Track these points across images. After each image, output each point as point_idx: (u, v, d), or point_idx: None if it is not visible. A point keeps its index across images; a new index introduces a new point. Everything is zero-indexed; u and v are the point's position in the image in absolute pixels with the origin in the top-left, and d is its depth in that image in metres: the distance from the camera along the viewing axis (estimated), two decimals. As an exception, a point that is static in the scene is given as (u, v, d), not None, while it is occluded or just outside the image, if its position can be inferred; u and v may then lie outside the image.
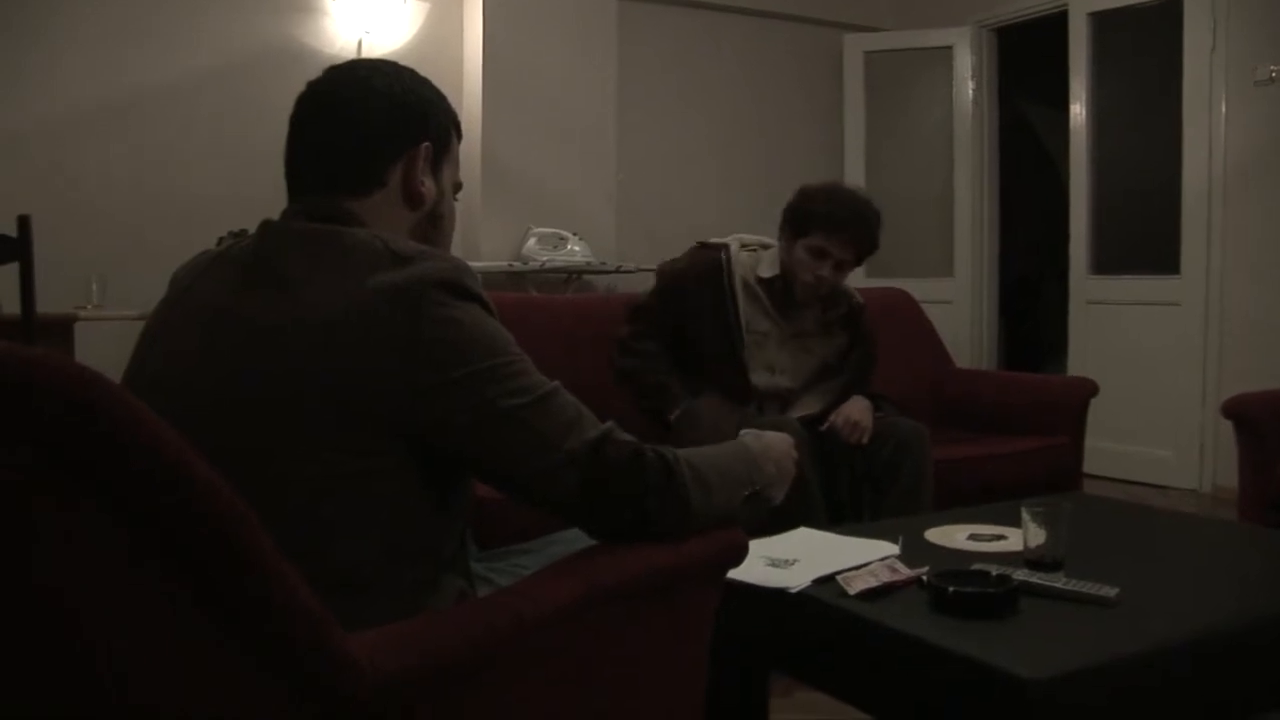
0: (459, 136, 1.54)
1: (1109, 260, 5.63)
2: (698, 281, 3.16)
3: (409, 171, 1.42)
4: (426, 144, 1.44)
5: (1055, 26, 5.82)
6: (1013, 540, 2.03)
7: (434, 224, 1.48)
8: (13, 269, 3.15)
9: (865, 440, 3.03)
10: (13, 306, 3.19)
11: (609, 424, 1.35)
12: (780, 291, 3.18)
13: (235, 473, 0.95)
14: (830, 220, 3.05)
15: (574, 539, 1.53)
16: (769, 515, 1.58)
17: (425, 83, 1.49)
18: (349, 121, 1.40)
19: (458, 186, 1.54)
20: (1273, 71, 4.83)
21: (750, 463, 1.52)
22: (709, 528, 1.41)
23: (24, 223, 3.16)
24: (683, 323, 3.15)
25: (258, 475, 1.12)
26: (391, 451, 1.23)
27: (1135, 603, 1.71)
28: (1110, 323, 5.55)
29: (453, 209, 1.53)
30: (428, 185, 1.45)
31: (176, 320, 1.36)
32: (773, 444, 1.60)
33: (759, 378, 3.14)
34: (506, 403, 1.26)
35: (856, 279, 6.27)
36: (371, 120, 1.41)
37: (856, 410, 3.09)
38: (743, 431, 1.65)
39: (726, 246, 3.19)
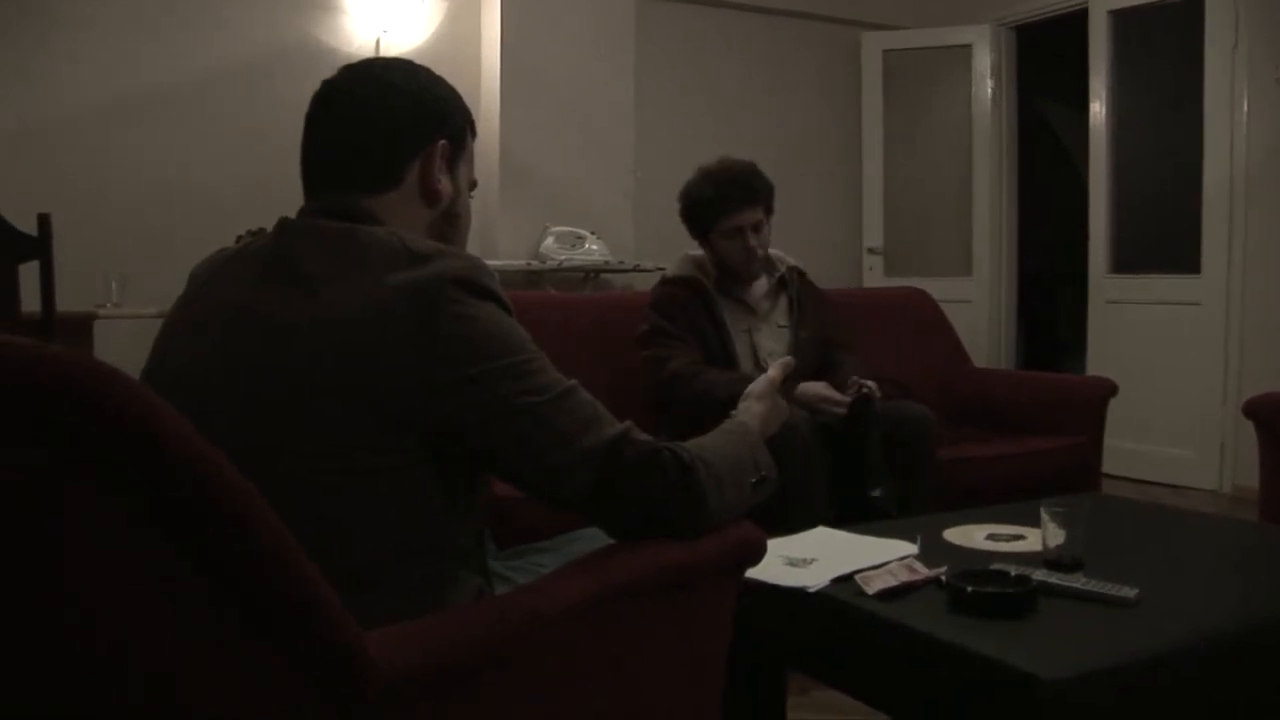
0: (473, 134, 1.54)
1: (1129, 259, 5.61)
2: (688, 300, 3.22)
3: (426, 169, 1.43)
4: (443, 142, 1.45)
5: (1075, 24, 5.79)
6: (1031, 540, 2.03)
7: (450, 222, 1.49)
8: (33, 267, 3.17)
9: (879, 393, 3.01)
10: (33, 305, 3.21)
11: (627, 423, 1.35)
12: (730, 286, 3.27)
13: (250, 468, 0.95)
14: (722, 200, 3.19)
15: (594, 537, 1.53)
16: (776, 502, 1.57)
17: (440, 81, 1.49)
18: (366, 119, 1.41)
19: (473, 185, 1.54)
20: (1295, 70, 4.80)
21: (755, 446, 1.55)
22: (722, 523, 1.41)
23: (44, 221, 3.18)
24: (692, 332, 3.19)
25: (271, 471, 1.12)
26: (404, 449, 1.23)
27: (1155, 603, 1.70)
28: (1130, 322, 5.53)
29: (468, 207, 1.53)
30: (444, 183, 1.45)
31: (195, 317, 1.36)
32: (769, 418, 1.67)
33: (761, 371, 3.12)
34: (522, 400, 1.26)
35: (877, 278, 6.30)
36: (389, 118, 1.41)
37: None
38: (740, 405, 1.69)
39: (695, 279, 3.25)
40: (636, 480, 1.31)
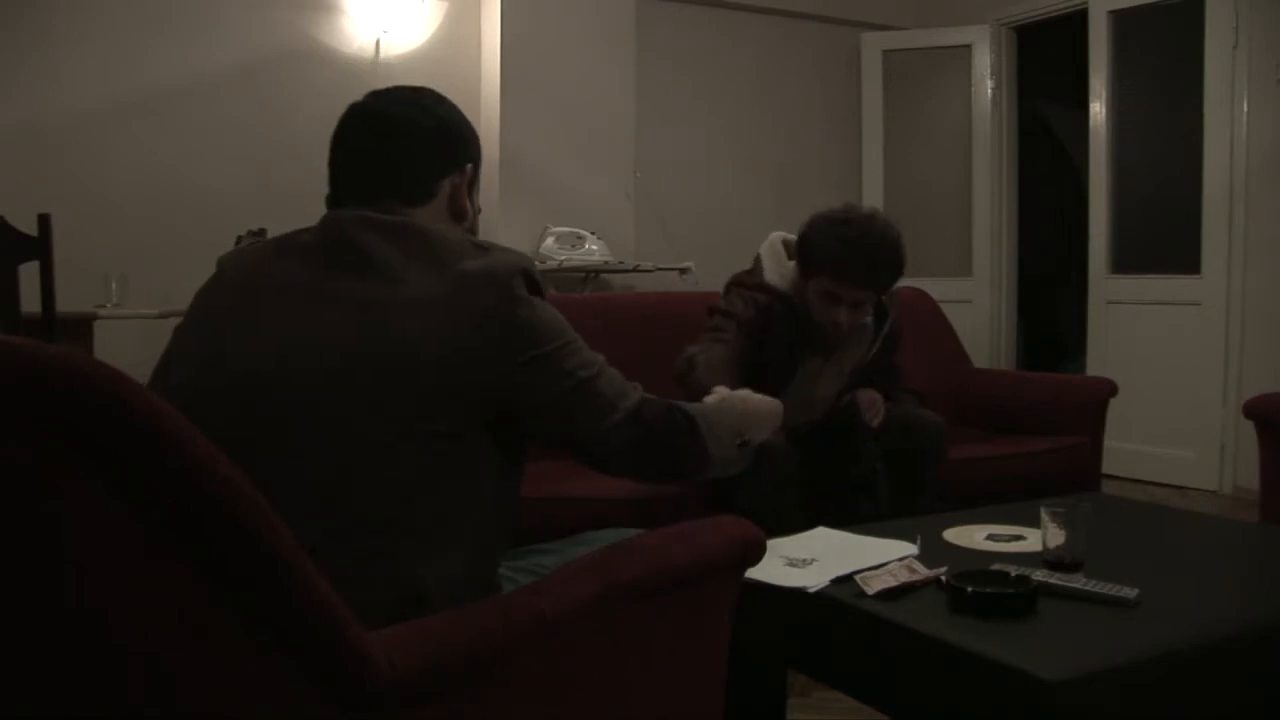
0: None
1: (1129, 260, 5.60)
2: (783, 316, 3.00)
3: (457, 189, 1.57)
4: (470, 165, 1.59)
5: (1075, 24, 5.79)
6: (1031, 541, 2.03)
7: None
8: (33, 267, 3.17)
9: (876, 423, 2.98)
10: (33, 305, 3.21)
11: (637, 384, 1.56)
12: (811, 324, 3.02)
13: (335, 433, 1.27)
14: (837, 267, 2.86)
15: (596, 539, 1.61)
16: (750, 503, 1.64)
17: (460, 111, 1.62)
18: (406, 136, 1.53)
19: (478, 209, 1.66)
20: (1295, 69, 4.80)
21: (741, 416, 1.79)
22: (715, 472, 1.64)
23: (44, 222, 3.19)
24: (757, 356, 2.95)
25: (354, 433, 1.29)
26: (470, 419, 1.35)
27: (1155, 604, 1.70)
28: (1130, 323, 5.52)
29: (479, 227, 1.67)
30: (468, 203, 1.59)
31: (255, 309, 1.41)
32: (755, 404, 1.89)
33: (803, 413, 3.03)
34: (581, 374, 1.45)
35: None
36: (426, 137, 1.54)
37: (874, 391, 3.07)
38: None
39: (795, 304, 3.01)
40: (660, 432, 1.53)
